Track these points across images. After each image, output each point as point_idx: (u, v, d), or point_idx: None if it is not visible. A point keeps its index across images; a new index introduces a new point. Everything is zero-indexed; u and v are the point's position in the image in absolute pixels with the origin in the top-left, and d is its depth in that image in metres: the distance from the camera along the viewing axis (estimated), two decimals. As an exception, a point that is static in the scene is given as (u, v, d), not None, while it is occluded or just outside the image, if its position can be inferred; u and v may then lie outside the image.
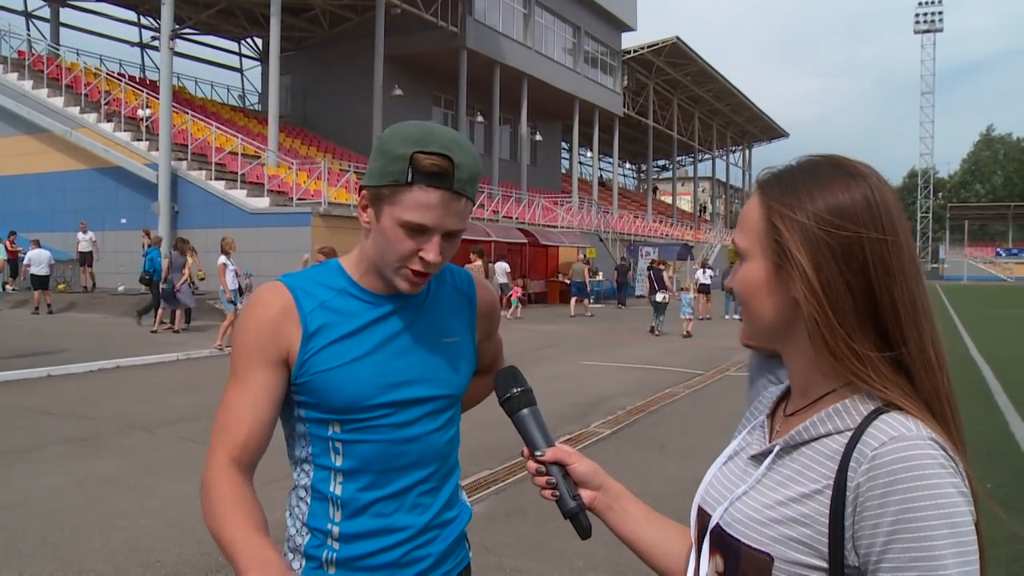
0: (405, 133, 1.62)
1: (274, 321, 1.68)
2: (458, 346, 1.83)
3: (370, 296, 1.75)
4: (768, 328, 1.18)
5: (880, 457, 1.01)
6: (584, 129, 50.12)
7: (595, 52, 48.92)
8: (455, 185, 1.58)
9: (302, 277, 1.77)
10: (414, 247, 1.61)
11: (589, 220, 42.04)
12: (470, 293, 1.91)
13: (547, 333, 20.73)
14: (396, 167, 1.59)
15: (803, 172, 1.16)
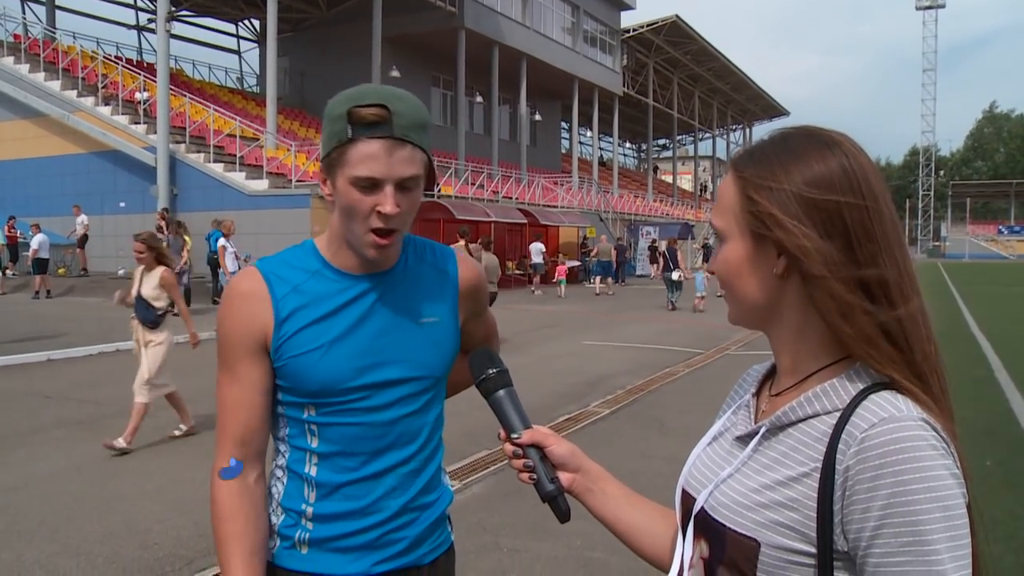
0: (342, 95, 1.62)
1: (249, 309, 1.67)
2: (438, 327, 1.80)
3: (343, 276, 1.72)
4: (753, 307, 1.16)
5: (870, 439, 0.99)
6: (584, 109, 49.98)
7: (594, 31, 48.68)
8: (396, 131, 1.56)
9: (276, 261, 1.76)
10: (371, 203, 1.59)
11: (589, 200, 41.95)
12: (451, 271, 1.87)
13: (547, 313, 20.73)
14: (337, 127, 1.59)
15: (776, 146, 1.14)
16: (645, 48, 54.25)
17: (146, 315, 7.54)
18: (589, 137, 57.86)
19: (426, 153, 1.63)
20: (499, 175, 35.70)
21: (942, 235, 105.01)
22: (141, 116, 26.94)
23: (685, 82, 62.40)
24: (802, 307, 1.11)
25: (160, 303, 7.55)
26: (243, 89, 42.08)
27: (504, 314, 17.41)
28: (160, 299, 7.54)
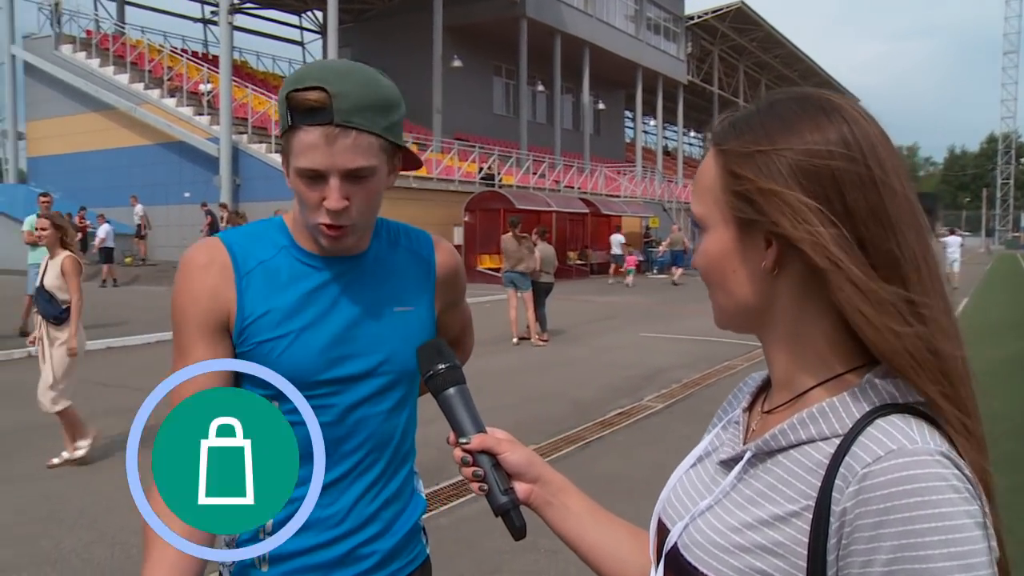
0: (290, 76, 1.48)
1: (209, 283, 1.53)
2: (412, 316, 1.66)
3: (310, 258, 1.59)
4: (741, 309, 0.98)
5: (874, 476, 0.80)
6: (648, 97, 49.29)
7: (658, 18, 48.08)
8: (336, 117, 1.41)
9: (242, 233, 1.63)
10: (317, 196, 1.46)
11: (652, 189, 41.54)
12: (428, 257, 1.73)
13: (607, 304, 20.50)
14: (281, 112, 1.46)
15: (763, 114, 0.95)
16: (710, 35, 53.44)
17: (48, 309, 6.62)
18: (653, 126, 57.21)
19: (381, 136, 1.46)
20: (561, 164, 35.48)
21: (1021, 225, 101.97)
22: (205, 107, 27.30)
23: (751, 70, 61.38)
24: (797, 308, 0.93)
25: (65, 295, 6.62)
26: (307, 80, 42.29)
27: (563, 305, 17.27)
28: (65, 290, 6.62)
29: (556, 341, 13.40)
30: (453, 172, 28.48)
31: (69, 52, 30.26)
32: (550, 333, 13.61)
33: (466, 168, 29.52)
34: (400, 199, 24.45)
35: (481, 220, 26.65)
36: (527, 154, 34.22)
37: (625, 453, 6.92)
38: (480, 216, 26.75)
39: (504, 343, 12.98)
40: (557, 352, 12.42)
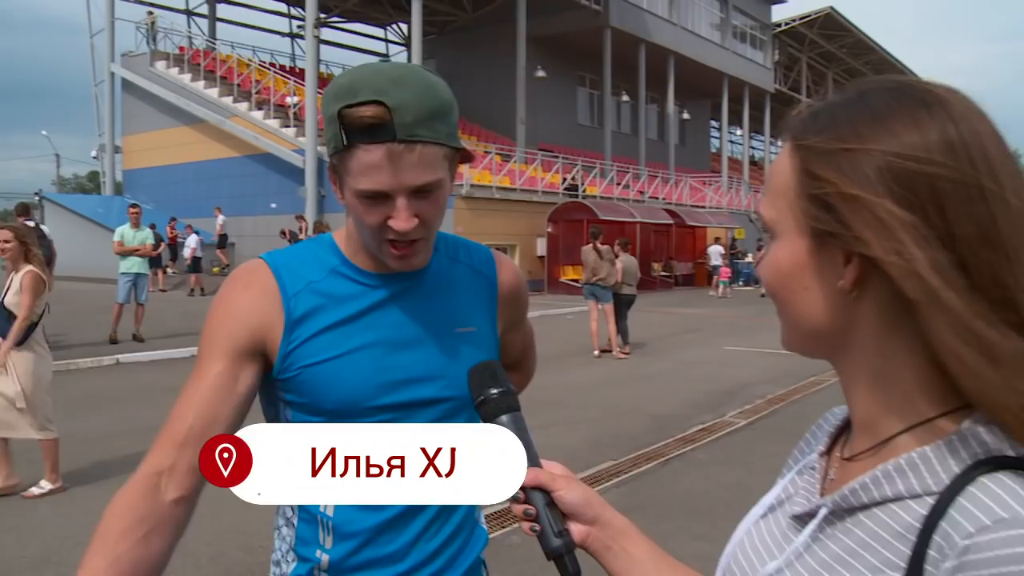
0: (333, 88, 1.34)
1: (251, 306, 1.42)
2: (474, 337, 1.53)
3: (366, 276, 1.47)
4: (813, 332, 0.81)
5: (979, 550, 0.63)
6: (734, 107, 48.55)
7: (744, 26, 47.38)
8: (399, 133, 1.27)
9: (288, 254, 1.51)
10: (381, 217, 1.34)
11: (738, 200, 40.89)
12: (489, 273, 1.60)
13: (691, 316, 20.13)
14: (331, 131, 1.33)
15: (849, 106, 0.79)
16: (797, 42, 52.46)
17: (5, 328, 5.97)
18: (739, 136, 56.41)
19: (445, 145, 1.34)
20: (645, 175, 35.14)
21: None
22: (291, 120, 27.75)
23: (841, 77, 59.98)
24: (881, 338, 0.76)
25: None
26: (392, 92, 42.73)
27: (646, 317, 17.02)
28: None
29: (637, 354, 13.16)
30: (536, 183, 28.40)
31: (163, 68, 31.22)
32: (632, 346, 13.38)
33: (550, 179, 29.41)
34: (483, 210, 24.49)
35: (564, 231, 26.49)
36: (611, 164, 33.96)
37: (706, 471, 6.68)
38: (563, 227, 26.60)
39: (585, 356, 12.79)
40: (638, 365, 12.19)
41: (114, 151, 33.70)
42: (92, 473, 6.45)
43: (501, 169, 27.34)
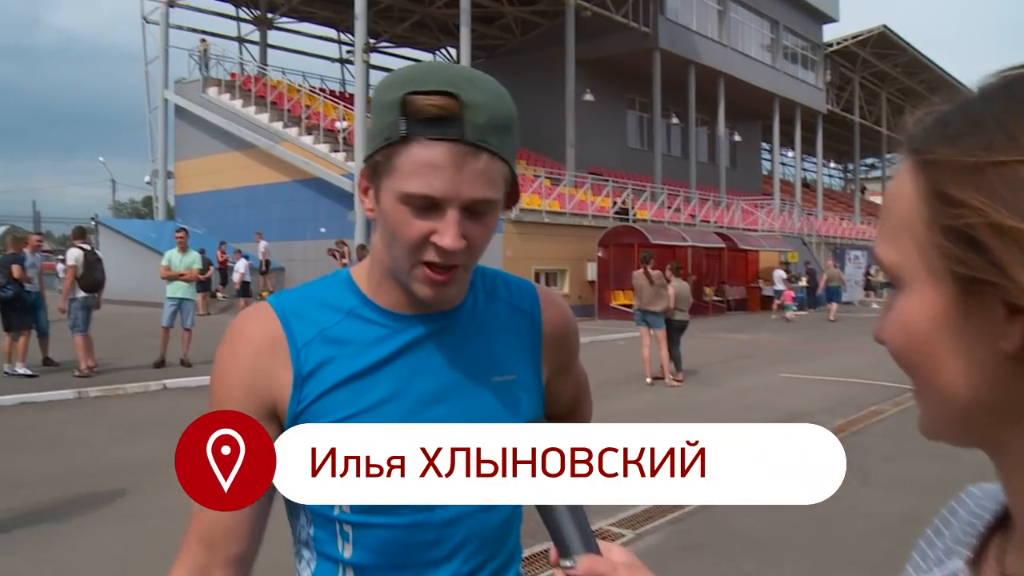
0: (397, 75, 1.15)
1: (255, 361, 1.22)
2: (515, 385, 1.31)
3: (389, 318, 1.25)
4: (963, 411, 0.58)
5: None
6: (785, 128, 48.02)
7: (795, 47, 46.86)
8: (468, 133, 1.09)
9: (299, 295, 1.31)
10: (424, 230, 1.13)
11: (791, 223, 40.29)
12: (532, 312, 1.37)
13: (743, 342, 19.70)
14: (386, 119, 1.13)
15: (992, 101, 0.56)
16: (850, 62, 51.74)
17: None
18: (791, 157, 55.75)
19: (509, 165, 1.16)
20: (696, 198, 34.78)
21: None
22: (340, 144, 27.85)
23: (895, 96, 59.15)
24: None
25: None
26: (441, 117, 42.95)
27: (698, 343, 16.66)
28: None
29: (691, 381, 12.82)
30: (586, 207, 28.18)
31: (215, 94, 31.65)
32: (684, 373, 13.05)
33: (599, 202, 29.18)
34: (532, 234, 24.32)
35: (615, 255, 26.20)
36: (661, 188, 33.65)
37: (767, 508, 6.34)
38: (614, 251, 26.32)
39: (637, 383, 12.49)
40: (692, 393, 11.85)
41: (167, 176, 34.23)
42: (135, 502, 6.32)
43: (551, 193, 27.16)
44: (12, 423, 9.31)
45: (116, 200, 62.38)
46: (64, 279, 12.52)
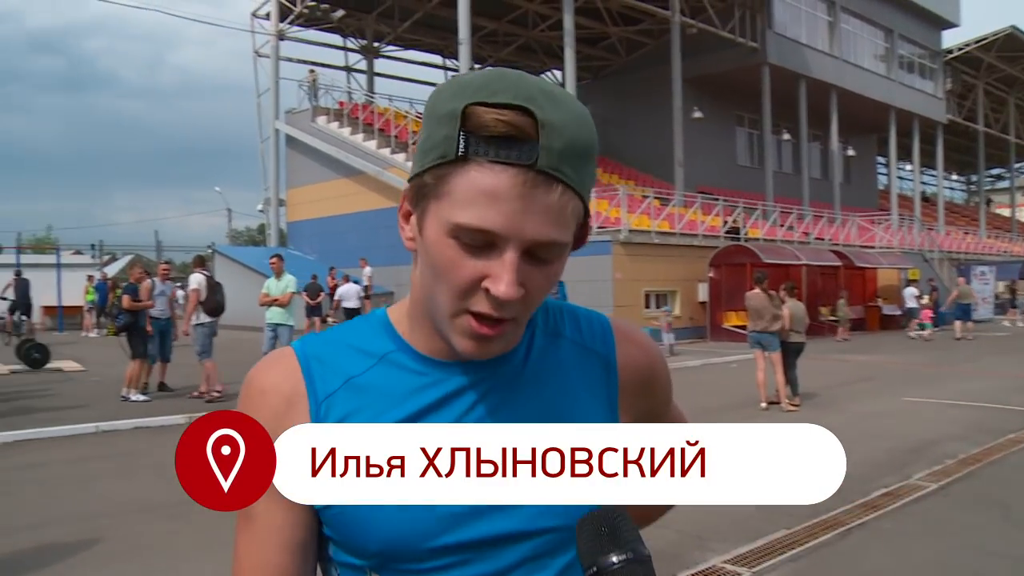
0: (458, 82, 0.95)
1: (275, 418, 1.01)
2: None
3: (429, 365, 1.04)
4: None
5: None
6: (902, 140, 46.41)
7: (911, 55, 45.27)
8: (542, 159, 0.89)
9: (328, 338, 1.12)
10: (475, 272, 0.94)
11: (911, 239, 38.83)
12: (606, 353, 1.13)
13: (863, 364, 18.89)
14: (441, 133, 0.92)
15: None
16: (972, 68, 49.74)
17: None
18: (909, 171, 53.86)
19: (583, 201, 0.97)
20: (810, 215, 33.84)
21: None
22: (447, 169, 28.00)
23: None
24: None
25: None
26: (547, 140, 42.99)
27: (815, 365, 16.04)
28: None
29: (808, 406, 12.27)
30: (696, 226, 27.67)
31: (324, 123, 32.39)
32: (802, 397, 12.51)
33: (710, 222, 28.63)
34: (641, 255, 23.98)
35: (726, 275, 25.59)
36: (773, 206, 32.85)
37: (894, 545, 5.90)
38: (725, 271, 25.71)
39: (751, 408, 12.00)
40: (809, 419, 11.18)
41: (278, 204, 35.09)
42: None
43: (660, 213, 26.76)
44: (125, 448, 9.49)
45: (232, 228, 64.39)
46: (187, 304, 12.79)
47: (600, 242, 23.59)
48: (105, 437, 10.00)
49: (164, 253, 40.52)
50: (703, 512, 6.39)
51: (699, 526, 6.14)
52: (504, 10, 34.54)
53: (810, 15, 37.95)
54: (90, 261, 36.74)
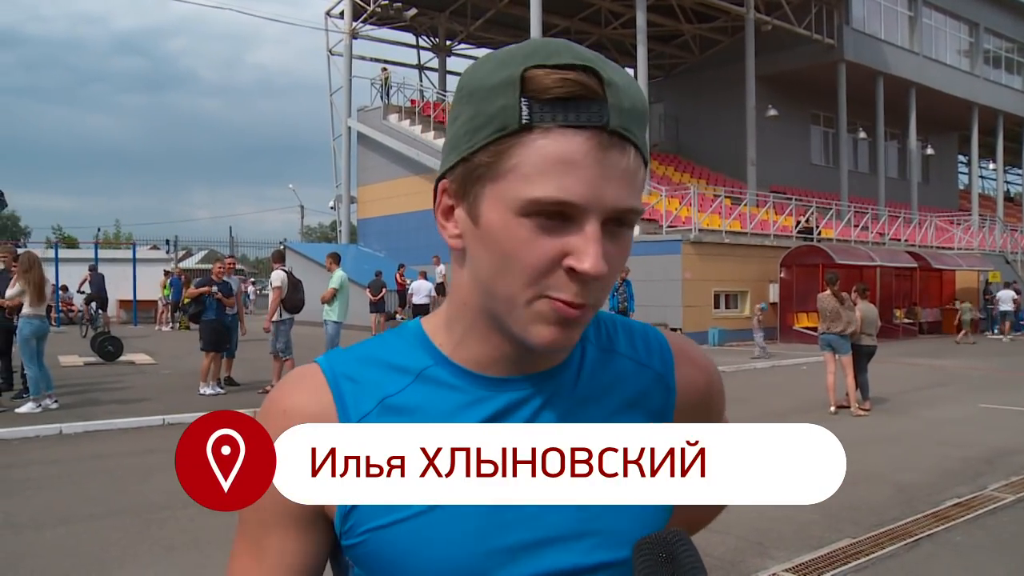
0: (506, 52, 0.89)
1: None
2: None
3: (471, 380, 0.98)
4: None
5: None
6: (985, 139, 45.15)
7: (997, 49, 43.90)
8: (612, 118, 0.83)
9: (357, 355, 1.03)
10: (554, 251, 0.85)
11: (992, 240, 37.76)
12: (664, 371, 1.07)
13: (937, 369, 18.41)
14: (496, 105, 0.85)
15: None
16: (1063, 62, 48.11)
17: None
18: (992, 170, 52.33)
19: (646, 163, 0.89)
20: (885, 215, 33.12)
21: None
22: (516, 166, 28.02)
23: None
24: None
25: None
26: (618, 137, 42.74)
27: (887, 369, 15.72)
28: None
29: (879, 411, 12.00)
30: (768, 226, 27.28)
31: (395, 121, 32.64)
32: (872, 401, 12.23)
33: (782, 222, 28.20)
34: (711, 255, 23.73)
35: (798, 276, 25.19)
36: (848, 205, 32.21)
37: (967, 558, 5.74)
38: (797, 272, 25.30)
39: (820, 411, 11.78)
40: (880, 424, 11.06)
41: (349, 201, 35.44)
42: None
43: (731, 212, 26.44)
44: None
45: (305, 224, 65.38)
46: (271, 301, 12.99)
47: (670, 241, 23.41)
48: (171, 430, 10.19)
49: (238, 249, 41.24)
50: (765, 519, 6.30)
51: (760, 533, 6.05)
52: (577, 8, 34.40)
53: (890, 10, 37.10)
54: (165, 256, 37.57)
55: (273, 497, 0.92)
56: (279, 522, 0.97)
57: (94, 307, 23.73)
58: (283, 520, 0.97)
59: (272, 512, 0.97)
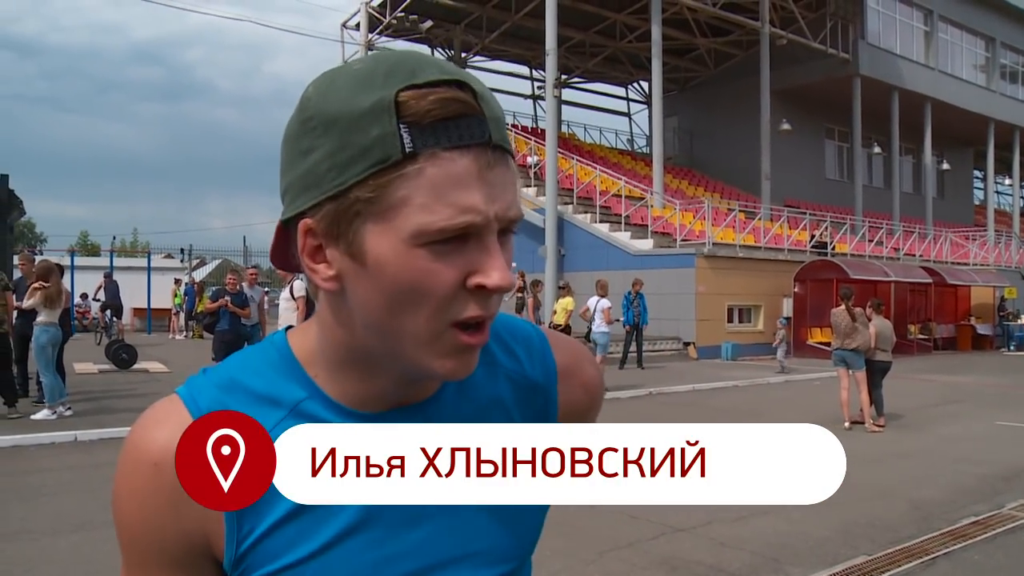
0: (360, 72, 0.83)
1: (166, 494, 0.88)
2: None
3: (348, 418, 0.93)
4: None
5: None
6: (1001, 154, 44.96)
7: (1015, 65, 43.82)
8: (493, 133, 0.81)
9: (221, 381, 0.95)
10: (458, 274, 0.82)
11: (1008, 256, 37.56)
12: (545, 383, 1.04)
13: (953, 385, 18.31)
14: (369, 136, 0.79)
15: None
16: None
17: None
18: (1008, 185, 52.08)
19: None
20: (900, 230, 33.00)
21: None
22: (532, 179, 28.06)
23: None
24: None
25: None
26: (632, 150, 42.80)
27: (902, 385, 15.61)
28: None
29: (893, 427, 11.92)
30: (782, 240, 27.25)
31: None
32: (887, 418, 12.15)
33: (796, 236, 28.15)
34: (725, 269, 23.67)
35: (812, 290, 25.08)
36: (862, 220, 32.14)
37: None
38: (811, 286, 25.20)
39: (834, 427, 11.53)
40: (894, 441, 10.98)
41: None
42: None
43: (745, 226, 26.40)
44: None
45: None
46: (298, 313, 12.93)
47: (684, 255, 23.37)
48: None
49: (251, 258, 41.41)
50: (780, 534, 6.26)
51: (775, 549, 6.01)
52: (592, 21, 34.48)
53: (905, 24, 37.09)
54: (179, 265, 37.69)
55: (150, 536, 0.89)
56: (159, 561, 0.92)
57: (109, 315, 23.80)
58: (161, 559, 0.91)
59: (150, 552, 0.92)
